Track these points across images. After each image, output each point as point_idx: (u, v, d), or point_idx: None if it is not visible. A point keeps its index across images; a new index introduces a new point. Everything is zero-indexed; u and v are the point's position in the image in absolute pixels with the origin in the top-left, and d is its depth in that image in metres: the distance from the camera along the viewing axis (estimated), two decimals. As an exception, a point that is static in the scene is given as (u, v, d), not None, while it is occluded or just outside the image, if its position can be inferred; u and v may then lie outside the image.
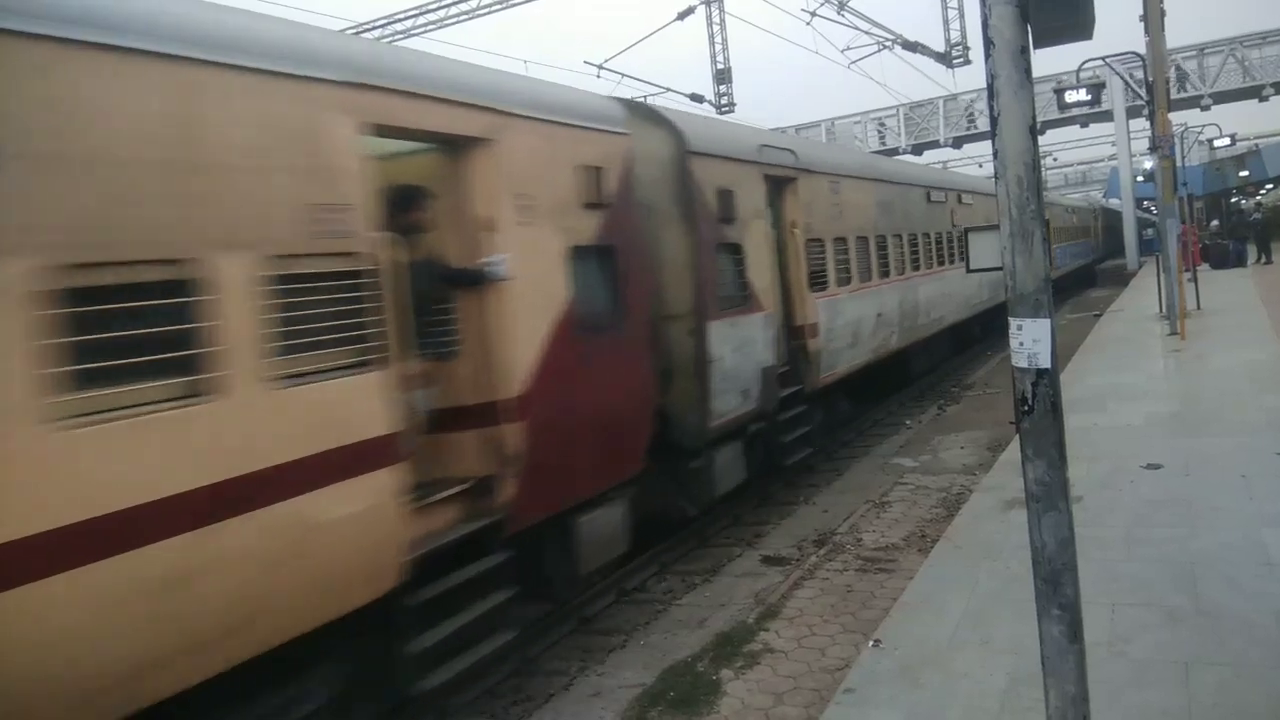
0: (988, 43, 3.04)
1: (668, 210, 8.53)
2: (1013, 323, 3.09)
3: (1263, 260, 31.19)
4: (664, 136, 8.68)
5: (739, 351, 9.10)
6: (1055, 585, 3.15)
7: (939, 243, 17.57)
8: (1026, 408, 3.10)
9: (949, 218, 18.50)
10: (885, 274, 14.03)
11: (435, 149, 6.03)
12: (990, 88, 3.04)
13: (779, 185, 10.70)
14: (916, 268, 15.80)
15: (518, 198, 6.16)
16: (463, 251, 6.03)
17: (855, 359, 12.54)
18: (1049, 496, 3.12)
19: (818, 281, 11.33)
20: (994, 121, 3.04)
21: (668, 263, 8.49)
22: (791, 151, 11.17)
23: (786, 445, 10.39)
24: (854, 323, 12.41)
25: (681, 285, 8.53)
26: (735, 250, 9.40)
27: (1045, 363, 3.04)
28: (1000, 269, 3.08)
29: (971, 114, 40.00)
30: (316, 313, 4.57)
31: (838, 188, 12.35)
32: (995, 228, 3.16)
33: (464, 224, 6.01)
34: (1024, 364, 3.07)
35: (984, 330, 22.28)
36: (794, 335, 10.79)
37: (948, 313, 17.92)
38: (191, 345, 3.99)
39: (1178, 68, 33.06)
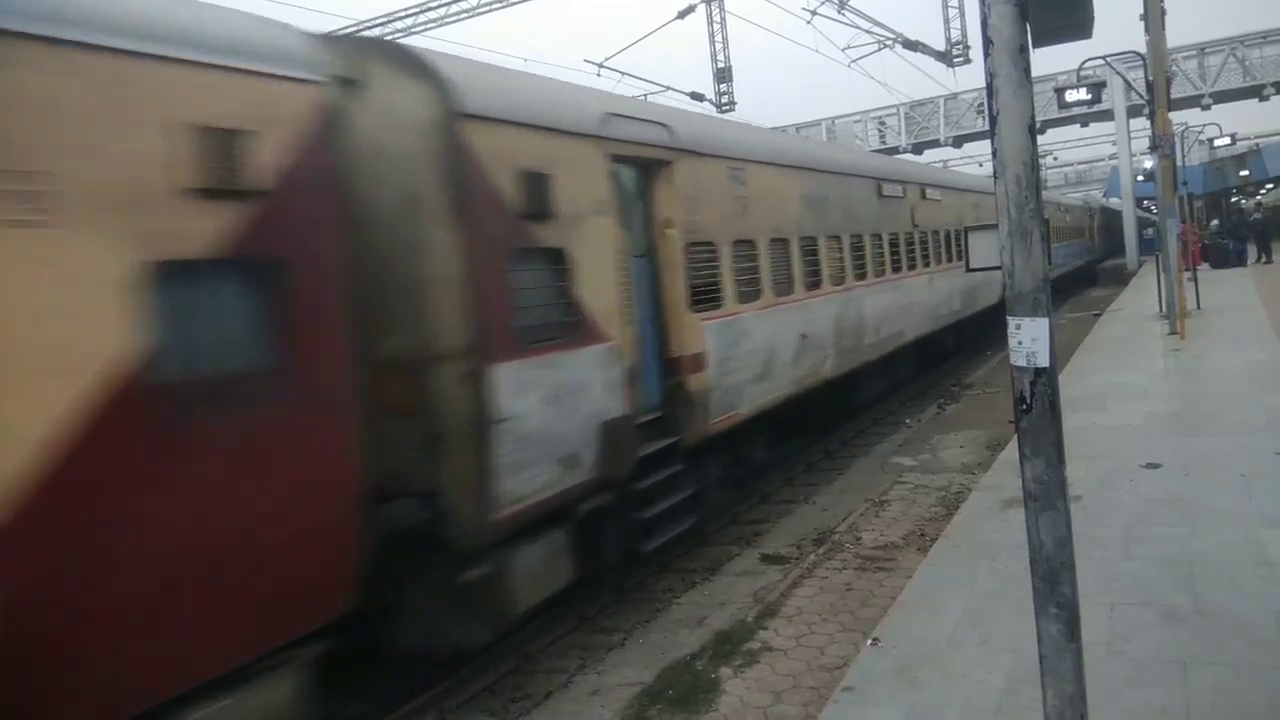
0: (987, 42, 3.04)
1: (419, 201, 5.99)
2: (1011, 322, 3.09)
3: (1263, 260, 31.19)
4: (416, 90, 6.04)
5: (557, 403, 6.53)
6: (1053, 584, 3.16)
7: (895, 245, 14.94)
8: (1025, 406, 3.11)
9: (909, 216, 15.87)
10: (815, 285, 11.50)
11: None
12: (989, 86, 3.05)
13: (646, 171, 8.17)
14: (862, 276, 13.21)
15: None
16: None
17: (768, 394, 9.99)
18: (1047, 495, 3.13)
19: (707, 298, 8.79)
20: (993, 120, 3.05)
21: (415, 279, 5.97)
22: (664, 125, 8.44)
23: (650, 521, 7.73)
24: (765, 348, 9.89)
25: (444, 311, 5.93)
26: (554, 259, 6.73)
27: (1043, 361, 3.04)
28: (999, 268, 3.08)
29: (983, 108, 39.77)
30: None
31: (742, 176, 9.74)
32: (995, 226, 3.16)
33: None
34: (1022, 363, 3.08)
35: (958, 342, 20.36)
36: (670, 370, 8.25)
37: (908, 327, 15.33)
38: None
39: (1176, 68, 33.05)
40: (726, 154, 9.56)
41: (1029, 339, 3.03)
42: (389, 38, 25.50)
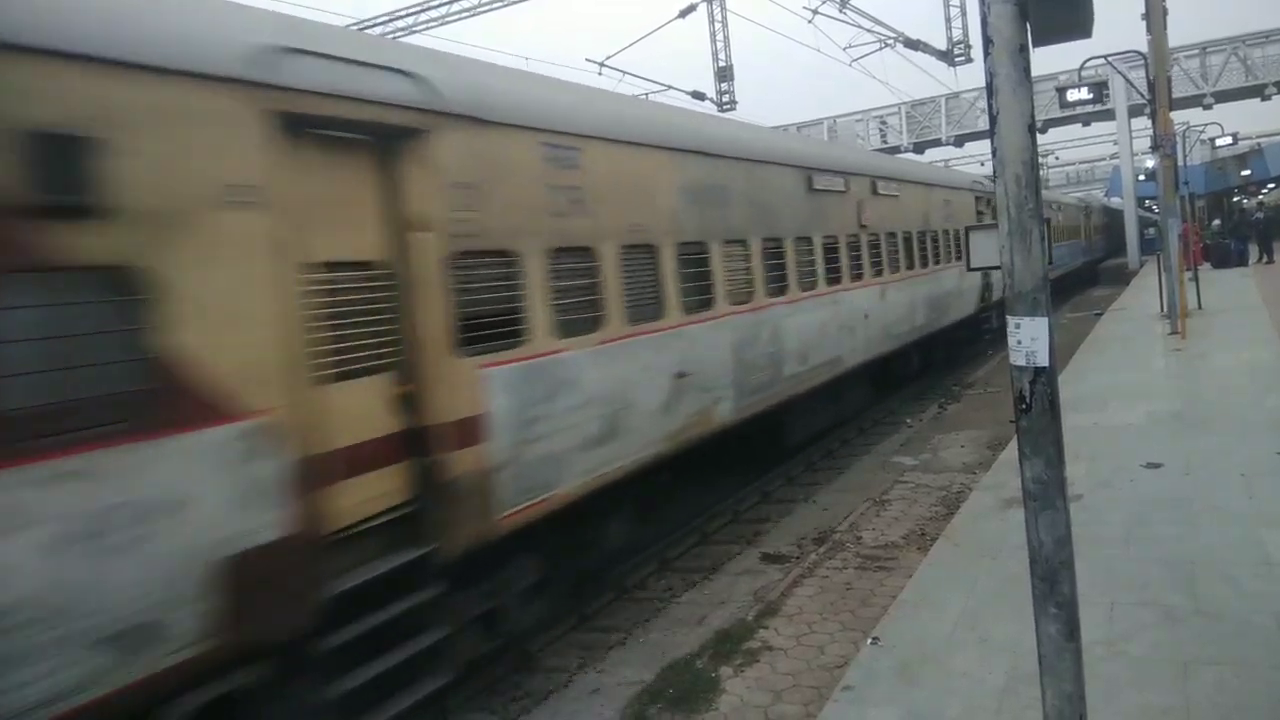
0: (987, 41, 3.04)
1: None
2: (1011, 321, 3.09)
3: (1264, 260, 31.14)
4: None
5: (101, 541, 3.89)
6: (1052, 584, 3.16)
7: (834, 252, 12.14)
8: (1024, 406, 3.11)
9: (854, 214, 13.01)
10: (704, 305, 8.79)
11: None
12: (989, 86, 3.05)
13: (380, 144, 5.51)
14: (783, 290, 10.51)
15: None
16: None
17: (616, 459, 7.25)
18: (1046, 495, 3.13)
19: (495, 334, 6.11)
20: (993, 119, 3.05)
21: None
22: (409, 75, 5.72)
23: (354, 695, 4.97)
24: (608, 398, 7.20)
25: None
26: (110, 286, 4.10)
27: (1043, 361, 3.04)
28: (1000, 267, 3.09)
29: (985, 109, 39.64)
30: None
31: (572, 158, 7.06)
32: (995, 226, 3.16)
33: None
34: (1022, 362, 3.08)
35: (924, 362, 17.58)
36: (426, 445, 5.57)
37: (852, 350, 12.53)
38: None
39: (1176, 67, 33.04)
40: (541, 124, 6.78)
41: (1028, 338, 3.03)
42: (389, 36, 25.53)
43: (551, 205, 6.81)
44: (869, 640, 5.68)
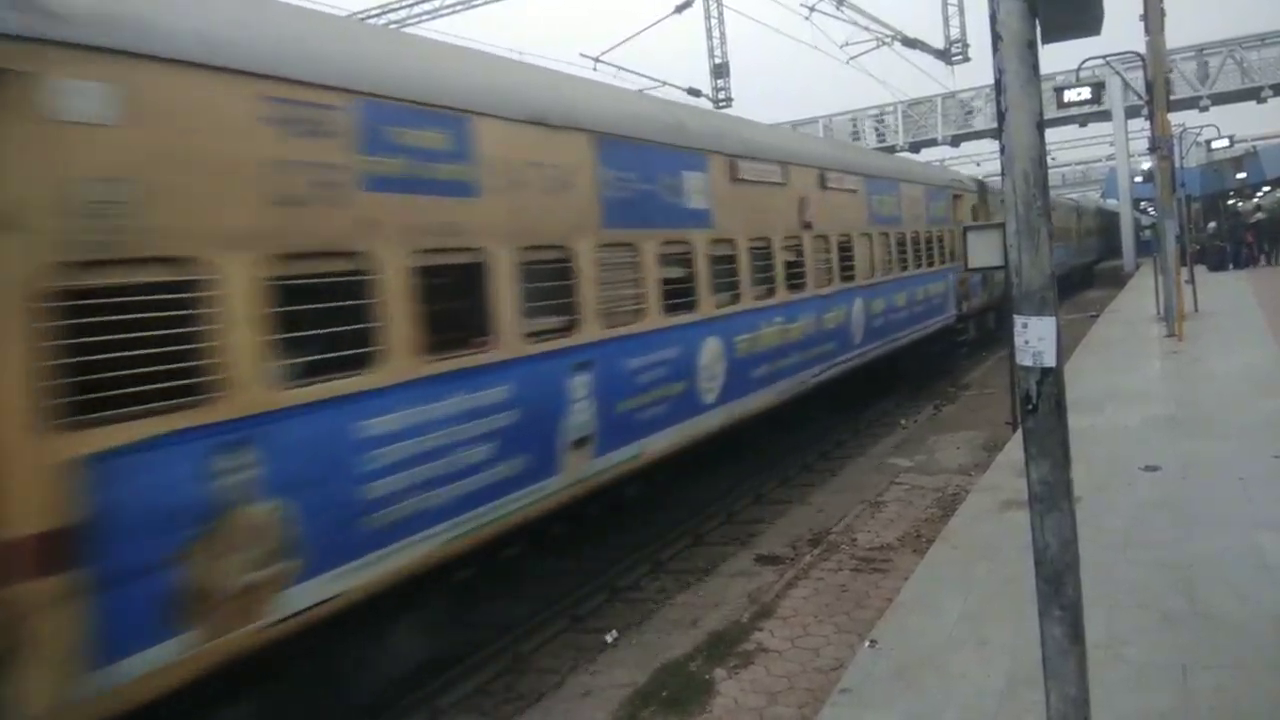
0: (995, 37, 2.99)
1: None
2: (1018, 320, 3.04)
3: (1265, 262, 31.07)
4: None
5: None
6: (1057, 586, 3.11)
7: (762, 258, 10.07)
8: (1031, 406, 3.05)
9: (794, 211, 11.01)
10: (564, 329, 6.82)
11: None
12: (998, 83, 2.99)
13: None
14: (691, 307, 8.51)
15: None
16: None
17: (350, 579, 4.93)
18: (1052, 496, 3.08)
19: (150, 390, 4.07)
20: (1001, 117, 2.99)
21: None
22: None
23: None
24: (391, 470, 5.16)
25: None
26: None
27: (1050, 361, 2.99)
28: (1001, 267, 3.03)
29: (973, 111, 39.61)
30: None
31: (325, 121, 4.97)
32: (995, 226, 3.12)
33: None
34: (1029, 362, 3.02)
35: (892, 375, 15.78)
36: None
37: (775, 375, 10.17)
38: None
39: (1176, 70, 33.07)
40: (265, 68, 4.70)
41: (1035, 338, 2.98)
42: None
43: (280, 190, 4.69)
44: (866, 643, 5.63)
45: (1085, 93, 18.11)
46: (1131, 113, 33.90)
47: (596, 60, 22.34)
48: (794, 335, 10.83)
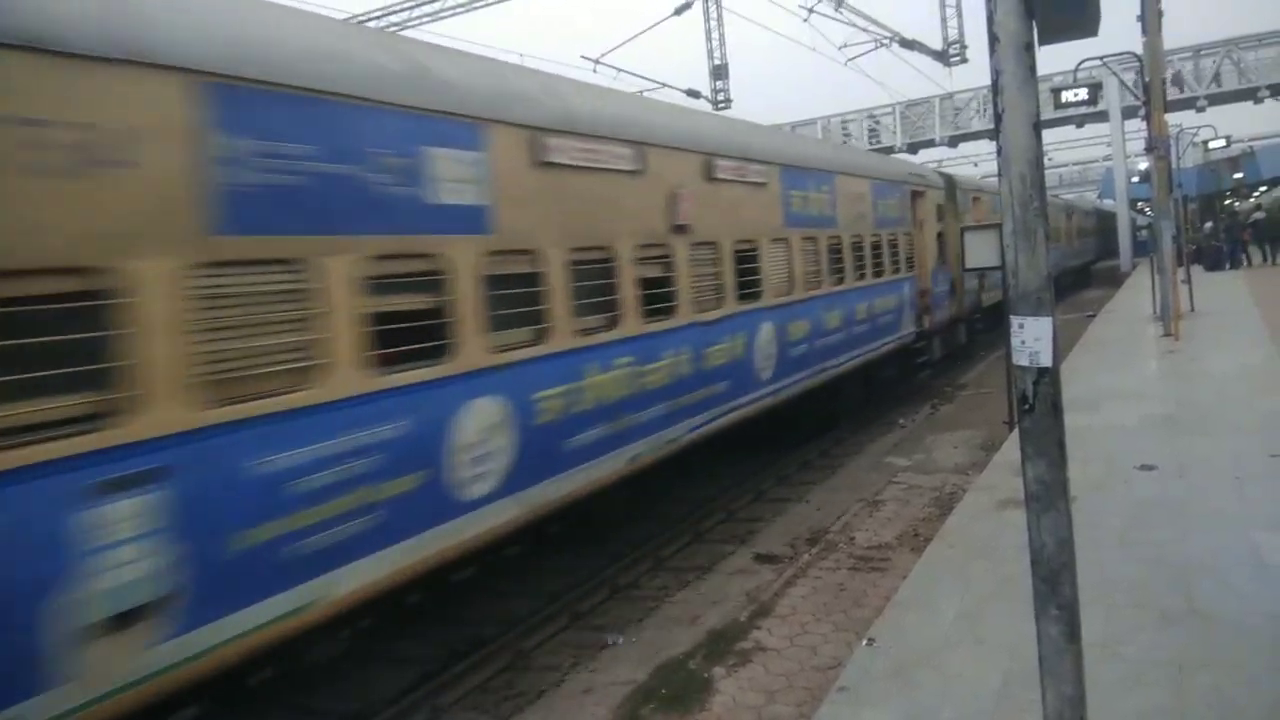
0: (993, 38, 3.01)
1: None
2: (1014, 321, 3.06)
3: (1266, 261, 31.08)
4: None
5: None
6: (1054, 585, 3.13)
7: (604, 272, 7.51)
8: (1027, 406, 3.08)
9: (659, 210, 8.28)
10: (298, 378, 4.86)
11: None
12: (995, 84, 3.02)
13: None
14: (444, 353, 5.82)
15: None
16: None
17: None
18: (1048, 496, 3.10)
19: None
20: (998, 118, 3.02)
21: None
22: None
23: None
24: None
25: None
26: None
27: (1046, 361, 3.01)
28: (999, 268, 3.06)
29: (977, 110, 39.48)
30: None
31: None
32: (993, 226, 3.15)
33: None
34: (1025, 362, 3.05)
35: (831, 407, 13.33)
36: None
37: (616, 438, 7.45)
38: None
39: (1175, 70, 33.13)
40: None
41: (1032, 338, 3.00)
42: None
43: None
44: (864, 641, 5.65)
45: (1082, 93, 18.11)
46: (1129, 113, 33.93)
47: (596, 62, 22.36)
48: (654, 379, 7.92)
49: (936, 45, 29.21)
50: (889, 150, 39.75)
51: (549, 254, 6.79)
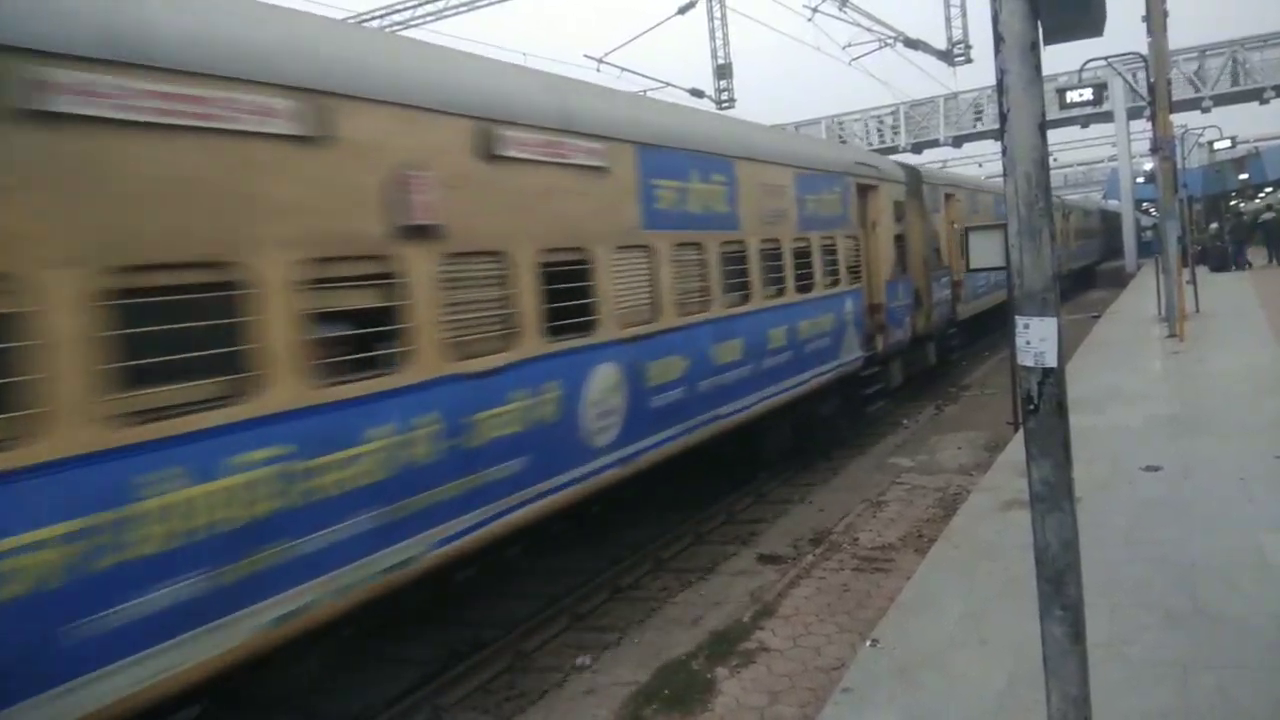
0: (998, 38, 3.00)
1: None
2: (1019, 321, 3.05)
3: (1273, 262, 30.99)
4: None
5: None
6: (1058, 586, 3.12)
7: (219, 310, 4.39)
8: (1032, 407, 3.06)
9: (370, 206, 5.29)
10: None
11: None
12: (1000, 84, 3.01)
13: None
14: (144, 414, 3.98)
15: None
16: None
17: None
18: (1053, 496, 3.09)
19: None
20: (1003, 118, 3.01)
21: None
22: None
23: None
24: None
25: None
26: None
27: (1051, 361, 3.00)
28: (1004, 268, 3.05)
29: (981, 111, 39.33)
30: None
31: None
32: (998, 226, 3.14)
33: None
34: (1030, 363, 3.04)
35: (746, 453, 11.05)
36: None
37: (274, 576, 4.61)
38: None
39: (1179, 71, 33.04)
40: None
41: (1037, 339, 2.99)
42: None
43: None
44: (868, 642, 5.64)
45: (1087, 94, 18.08)
46: (1134, 114, 33.86)
47: (600, 61, 22.36)
48: (349, 476, 4.96)
49: (941, 45, 29.17)
50: (893, 150, 39.69)
51: (261, 269, 4.55)
